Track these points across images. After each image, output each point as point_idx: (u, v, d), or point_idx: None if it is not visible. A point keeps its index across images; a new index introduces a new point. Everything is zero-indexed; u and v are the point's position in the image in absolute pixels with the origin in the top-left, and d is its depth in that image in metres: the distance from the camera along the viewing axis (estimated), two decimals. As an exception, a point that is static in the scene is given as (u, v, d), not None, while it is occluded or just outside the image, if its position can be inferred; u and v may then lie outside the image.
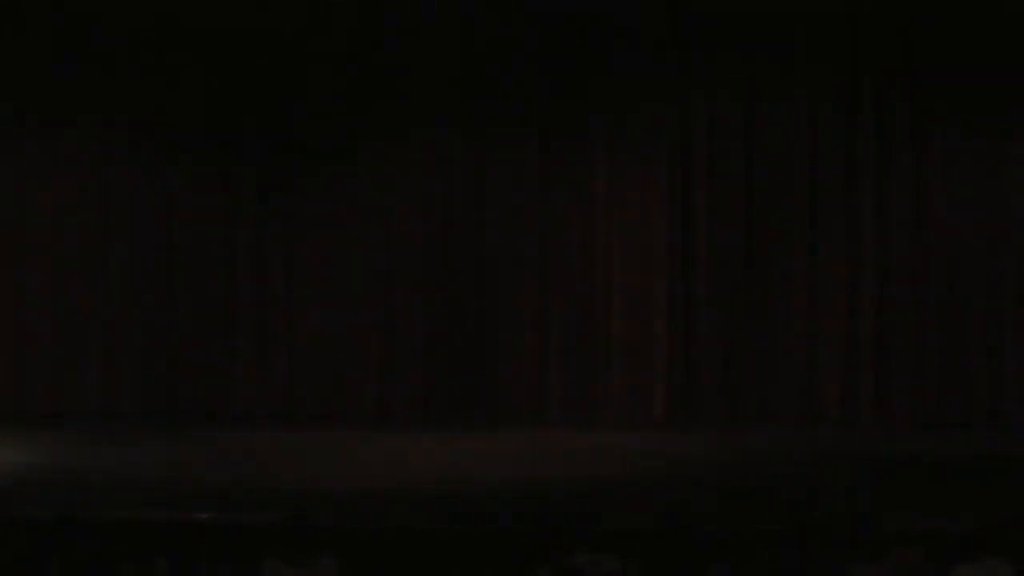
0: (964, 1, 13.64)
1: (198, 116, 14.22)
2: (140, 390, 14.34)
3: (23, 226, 14.34)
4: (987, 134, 13.91)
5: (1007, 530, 7.77)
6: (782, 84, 14.08)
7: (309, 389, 14.39)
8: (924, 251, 13.81)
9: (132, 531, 8.37)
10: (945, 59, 13.69)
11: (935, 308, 13.79)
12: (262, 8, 14.10)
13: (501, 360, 14.22)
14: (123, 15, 14.07)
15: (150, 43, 14.06)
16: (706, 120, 14.15)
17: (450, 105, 14.16)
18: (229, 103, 14.21)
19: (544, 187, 14.29)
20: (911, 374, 13.79)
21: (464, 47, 14.03)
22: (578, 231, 14.27)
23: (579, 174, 14.28)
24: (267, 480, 10.61)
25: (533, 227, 14.26)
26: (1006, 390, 13.70)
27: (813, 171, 14.06)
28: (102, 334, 14.41)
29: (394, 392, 14.34)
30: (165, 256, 14.40)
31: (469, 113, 14.20)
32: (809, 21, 13.84)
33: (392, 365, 14.33)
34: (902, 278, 13.85)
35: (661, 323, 14.06)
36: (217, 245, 14.42)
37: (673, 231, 14.16)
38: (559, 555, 7.18)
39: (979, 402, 13.69)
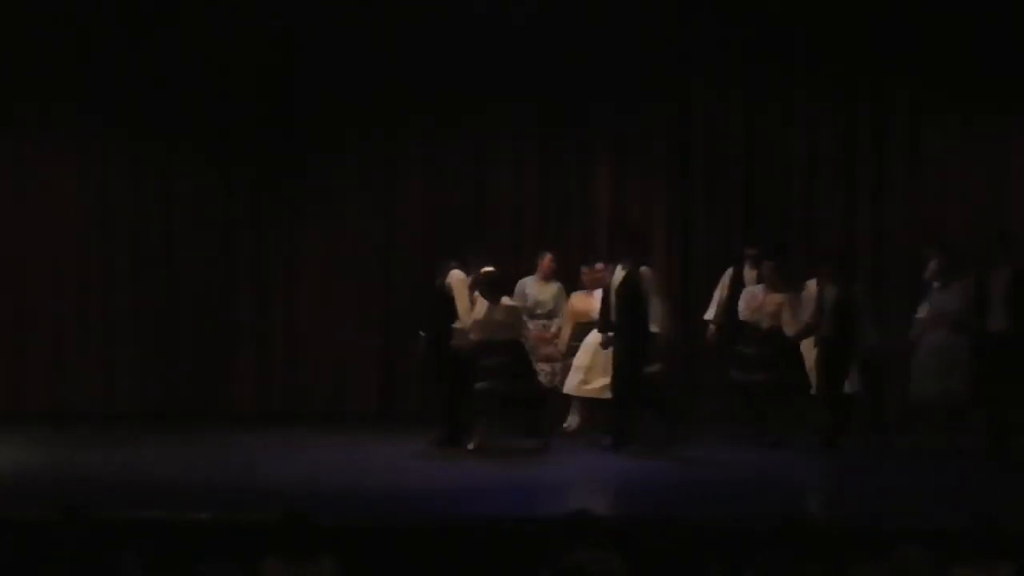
0: (963, 2, 13.68)
1: (198, 116, 14.24)
2: (140, 390, 14.38)
3: (23, 226, 14.37)
4: (986, 134, 13.96)
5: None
6: (782, 84, 14.13)
7: (309, 389, 14.42)
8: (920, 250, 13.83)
9: (132, 531, 8.37)
10: (944, 59, 13.72)
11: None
12: (262, 10, 14.13)
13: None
14: (122, 15, 14.11)
15: (150, 43, 14.10)
16: (706, 120, 14.19)
17: (450, 105, 14.19)
18: (229, 103, 14.23)
19: (544, 187, 14.34)
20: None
21: (464, 45, 14.04)
22: (577, 231, 14.30)
23: (579, 173, 14.34)
24: (267, 480, 10.61)
25: (533, 227, 14.30)
26: None
27: (812, 171, 14.11)
28: (102, 334, 14.44)
29: (394, 391, 14.37)
30: (165, 256, 14.44)
31: (469, 113, 14.22)
32: (809, 21, 13.88)
33: (392, 364, 14.35)
34: (900, 277, 13.86)
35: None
36: (216, 245, 14.46)
37: (672, 230, 14.22)
38: (559, 553, 7.19)
39: None
